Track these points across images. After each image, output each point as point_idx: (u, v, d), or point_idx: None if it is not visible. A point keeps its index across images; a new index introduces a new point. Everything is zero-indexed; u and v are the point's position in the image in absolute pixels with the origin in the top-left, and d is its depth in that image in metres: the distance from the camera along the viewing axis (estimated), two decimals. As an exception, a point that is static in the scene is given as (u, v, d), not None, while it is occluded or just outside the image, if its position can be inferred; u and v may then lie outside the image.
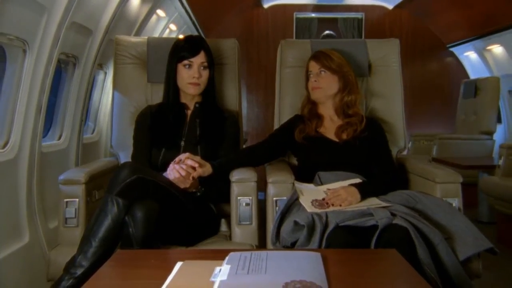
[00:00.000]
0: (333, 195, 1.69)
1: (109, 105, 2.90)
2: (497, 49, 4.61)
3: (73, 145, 2.56)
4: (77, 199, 1.77)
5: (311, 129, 1.93)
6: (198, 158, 1.77)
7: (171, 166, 1.72)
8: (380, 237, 1.45)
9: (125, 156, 2.08)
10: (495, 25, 4.27)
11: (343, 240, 1.47)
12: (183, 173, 1.70)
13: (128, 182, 1.55)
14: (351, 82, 1.96)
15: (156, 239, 1.59)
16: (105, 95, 3.14)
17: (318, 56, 1.97)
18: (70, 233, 1.76)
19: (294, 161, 2.06)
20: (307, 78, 1.99)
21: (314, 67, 1.96)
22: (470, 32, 4.77)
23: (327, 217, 1.55)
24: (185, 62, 1.90)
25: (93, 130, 3.11)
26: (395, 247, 1.33)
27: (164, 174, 1.74)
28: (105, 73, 3.07)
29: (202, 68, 1.91)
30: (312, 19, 5.44)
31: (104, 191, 1.75)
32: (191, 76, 1.90)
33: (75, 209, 1.77)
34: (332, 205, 1.66)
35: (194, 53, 1.90)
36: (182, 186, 1.72)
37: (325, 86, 1.94)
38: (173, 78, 1.94)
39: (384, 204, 1.66)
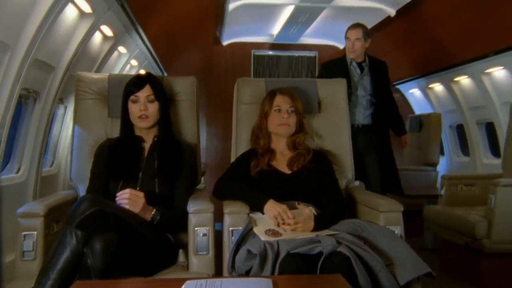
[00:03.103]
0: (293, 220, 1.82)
1: (69, 138, 2.92)
2: (438, 87, 4.97)
3: (31, 178, 2.56)
4: (36, 232, 1.78)
5: (264, 163, 2.06)
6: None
7: (118, 195, 1.81)
8: (325, 264, 1.56)
9: (84, 189, 2.09)
10: (434, 66, 4.63)
11: (294, 267, 1.57)
12: (127, 195, 1.79)
13: (87, 214, 1.60)
14: (303, 124, 2.13)
15: (114, 270, 1.62)
16: (65, 128, 3.15)
17: (289, 94, 2.11)
18: (28, 266, 1.76)
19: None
20: (268, 112, 2.10)
21: (286, 103, 2.08)
22: (414, 71, 5.11)
23: (278, 245, 1.66)
24: (132, 97, 2.00)
25: (52, 163, 3.11)
26: (337, 273, 1.44)
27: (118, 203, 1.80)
28: (65, 107, 3.09)
29: (148, 101, 2.00)
30: (270, 56, 5.70)
31: (62, 224, 1.78)
32: (138, 110, 1.98)
33: (33, 242, 1.78)
34: (289, 224, 1.80)
35: (140, 87, 2.00)
36: (137, 210, 1.79)
37: (292, 125, 2.09)
38: (126, 114, 2.03)
39: (332, 232, 1.79)
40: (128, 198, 1.79)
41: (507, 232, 2.81)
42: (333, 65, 3.29)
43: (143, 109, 1.98)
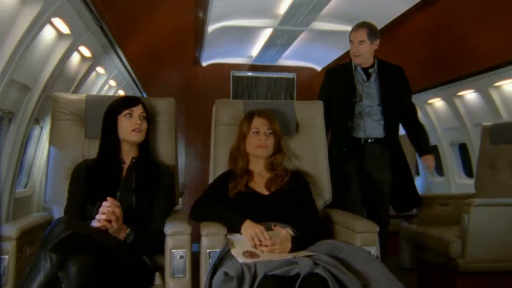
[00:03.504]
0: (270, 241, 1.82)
1: (44, 159, 2.88)
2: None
3: (4, 199, 2.51)
4: (7, 256, 1.74)
5: (242, 184, 2.07)
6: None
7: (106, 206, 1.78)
8: (302, 285, 1.57)
9: (59, 211, 2.07)
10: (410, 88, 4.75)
11: None
12: (116, 215, 1.77)
13: (62, 237, 1.57)
14: (281, 146, 2.17)
15: (89, 295, 1.60)
16: (41, 149, 3.10)
17: (267, 116, 2.15)
18: (-3, 292, 1.73)
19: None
20: (246, 134, 2.13)
21: (264, 125, 2.12)
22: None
23: (256, 267, 1.66)
24: (126, 112, 2.03)
25: (26, 185, 3.05)
26: None
27: (92, 223, 1.78)
28: (41, 127, 3.05)
29: (142, 117, 2.05)
30: (249, 77, 5.76)
31: (36, 247, 1.74)
32: (133, 123, 2.01)
33: (4, 266, 1.73)
34: (266, 246, 1.80)
35: (134, 104, 2.05)
36: (112, 229, 1.77)
37: (270, 147, 2.12)
38: (113, 131, 2.03)
39: (309, 253, 1.80)
40: (117, 217, 1.77)
41: (480, 251, 2.86)
42: (336, 71, 2.86)
43: (139, 123, 2.02)
